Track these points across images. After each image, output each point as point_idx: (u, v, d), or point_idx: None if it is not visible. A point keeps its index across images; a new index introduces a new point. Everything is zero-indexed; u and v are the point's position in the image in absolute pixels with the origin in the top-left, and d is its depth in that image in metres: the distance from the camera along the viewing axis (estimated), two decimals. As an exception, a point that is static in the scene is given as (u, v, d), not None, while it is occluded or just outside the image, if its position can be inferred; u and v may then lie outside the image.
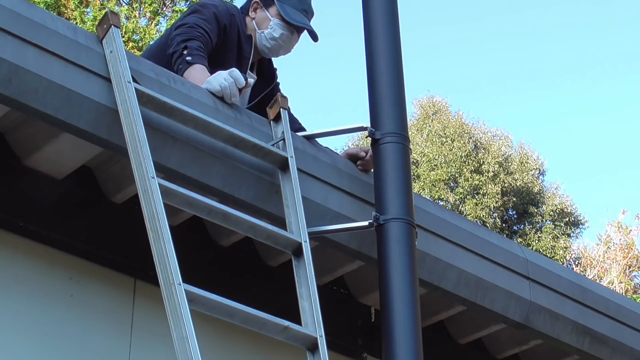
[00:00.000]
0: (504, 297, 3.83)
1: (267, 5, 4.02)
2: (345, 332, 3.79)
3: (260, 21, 4.01)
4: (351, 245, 3.42)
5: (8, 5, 2.78)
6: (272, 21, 3.99)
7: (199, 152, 3.07)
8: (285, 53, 4.07)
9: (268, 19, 4.00)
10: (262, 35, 4.00)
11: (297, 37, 4.05)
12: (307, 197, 3.26)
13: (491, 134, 24.61)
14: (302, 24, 4.00)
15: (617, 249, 22.16)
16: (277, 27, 3.99)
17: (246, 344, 3.42)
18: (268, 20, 4.00)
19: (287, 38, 4.02)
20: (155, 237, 2.73)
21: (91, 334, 3.11)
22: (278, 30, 3.99)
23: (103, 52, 2.96)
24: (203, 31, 3.72)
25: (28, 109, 2.81)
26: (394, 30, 3.56)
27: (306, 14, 4.04)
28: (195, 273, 2.86)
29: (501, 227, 23.57)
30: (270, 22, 4.00)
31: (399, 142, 3.36)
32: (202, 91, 3.25)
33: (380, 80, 3.47)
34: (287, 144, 3.26)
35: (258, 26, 4.01)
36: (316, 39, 4.03)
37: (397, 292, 3.13)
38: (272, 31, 3.99)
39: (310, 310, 2.98)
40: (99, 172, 3.22)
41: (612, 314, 4.27)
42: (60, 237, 3.11)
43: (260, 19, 4.02)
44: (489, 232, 4.06)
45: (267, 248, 3.55)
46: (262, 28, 4.00)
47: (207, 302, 2.75)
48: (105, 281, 3.19)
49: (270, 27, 3.99)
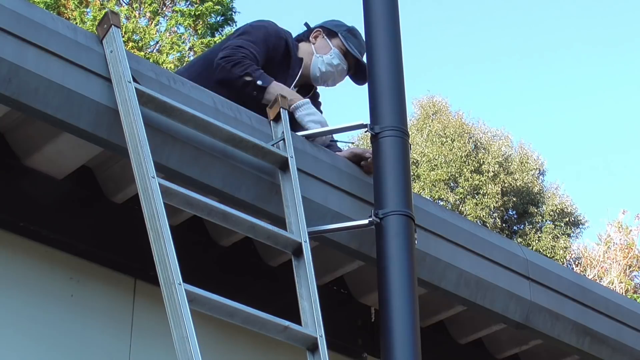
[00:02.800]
0: (504, 297, 3.83)
1: (330, 36, 4.14)
2: (345, 332, 3.79)
3: (321, 47, 4.13)
4: (351, 245, 3.42)
5: (8, 5, 2.78)
6: (333, 50, 4.12)
7: (199, 152, 3.07)
8: (331, 85, 4.19)
9: (329, 47, 4.13)
10: (320, 59, 4.11)
11: (345, 75, 4.17)
12: (307, 197, 3.26)
13: (491, 134, 24.61)
14: (360, 58, 4.09)
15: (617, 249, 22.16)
16: (337, 56, 4.10)
17: (246, 344, 3.42)
18: (329, 48, 4.13)
19: (342, 70, 4.14)
20: (155, 237, 2.73)
21: (91, 334, 3.11)
22: (337, 59, 4.11)
23: (103, 52, 2.96)
24: (248, 52, 3.81)
25: (28, 109, 2.81)
26: (394, 26, 3.56)
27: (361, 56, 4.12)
28: (195, 273, 2.86)
29: (501, 227, 23.56)
30: (331, 50, 4.11)
31: (398, 136, 3.37)
32: (202, 91, 3.25)
33: (380, 76, 3.48)
34: (287, 144, 3.26)
35: (317, 50, 4.12)
36: (363, 83, 4.05)
37: (396, 286, 3.13)
38: (332, 58, 4.11)
39: (310, 310, 2.98)
40: (99, 172, 3.22)
41: (612, 314, 4.26)
42: (60, 237, 3.11)
43: (320, 45, 4.14)
44: (489, 232, 4.06)
45: (267, 248, 3.54)
46: (321, 53, 4.12)
47: (207, 302, 2.75)
48: (105, 281, 3.19)
49: (330, 54, 4.11)
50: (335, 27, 4.18)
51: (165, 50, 15.80)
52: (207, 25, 16.56)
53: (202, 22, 16.53)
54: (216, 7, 16.53)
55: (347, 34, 4.14)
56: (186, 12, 16.41)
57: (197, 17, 16.44)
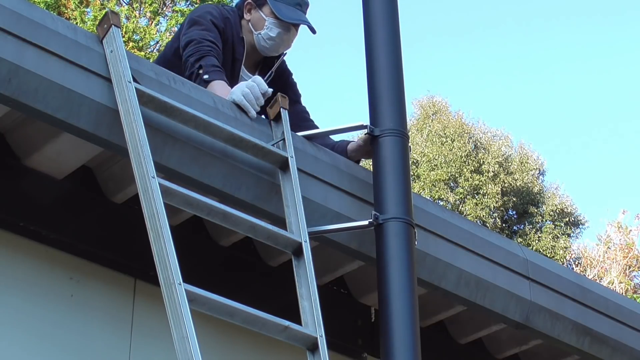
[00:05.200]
0: (504, 297, 3.83)
1: (260, 5, 4.01)
2: (345, 332, 3.79)
3: (256, 22, 4.01)
4: (351, 245, 3.42)
5: (8, 5, 2.78)
6: (267, 21, 3.98)
7: (199, 152, 3.07)
8: (286, 49, 4.06)
9: (263, 19, 3.99)
10: (260, 36, 4.00)
11: (295, 32, 4.04)
12: (307, 197, 3.25)
13: (491, 134, 24.62)
14: (297, 21, 3.99)
15: (617, 249, 22.16)
16: (273, 26, 3.98)
17: (246, 344, 3.42)
18: (263, 21, 3.99)
19: (285, 35, 4.00)
20: (155, 237, 2.73)
21: (91, 334, 3.11)
22: (274, 29, 3.98)
23: (103, 52, 2.95)
24: (210, 43, 3.73)
25: (28, 109, 2.81)
26: (394, 27, 3.56)
27: (300, 7, 4.01)
28: (195, 273, 2.86)
29: (501, 227, 23.57)
30: (265, 22, 3.98)
31: (398, 138, 3.37)
32: (203, 91, 3.25)
33: (379, 78, 3.48)
34: (287, 144, 3.26)
35: (254, 27, 4.00)
36: (314, 31, 4.01)
37: (395, 291, 3.13)
38: (269, 31, 3.98)
39: (311, 310, 2.98)
40: (99, 172, 3.21)
41: (612, 314, 4.26)
42: (60, 237, 3.11)
43: (255, 20, 4.01)
44: (489, 232, 4.06)
45: (267, 248, 3.54)
46: (258, 29, 4.00)
47: (207, 302, 2.75)
48: (105, 281, 3.19)
49: (265, 27, 3.98)
50: None
51: (166, 50, 15.78)
52: (207, 26, 16.53)
53: (202, 22, 16.51)
54: (216, 7, 16.52)
55: None
56: (186, 12, 16.39)
57: (197, 17, 16.42)
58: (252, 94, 3.34)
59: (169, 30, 16.39)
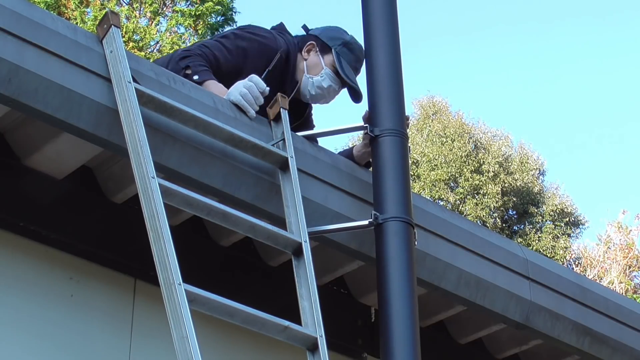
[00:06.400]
0: (504, 297, 3.83)
1: (323, 52, 3.89)
2: (345, 332, 3.79)
3: (312, 66, 3.88)
4: (351, 245, 3.42)
5: (8, 5, 2.78)
6: (324, 70, 3.87)
7: (199, 152, 3.07)
8: (324, 103, 3.96)
9: (321, 66, 3.87)
10: (310, 81, 3.87)
11: (339, 91, 3.92)
12: (307, 197, 3.25)
13: (491, 134, 24.61)
14: (354, 84, 3.86)
15: (617, 249, 22.15)
16: (328, 78, 3.87)
17: (246, 344, 3.42)
18: (320, 68, 3.87)
19: (333, 91, 3.90)
20: (155, 237, 2.73)
21: (91, 334, 3.11)
22: (328, 81, 3.87)
23: (103, 52, 2.95)
24: (207, 51, 3.63)
25: (28, 109, 2.81)
26: (393, 28, 3.56)
27: (357, 71, 3.90)
28: (195, 273, 2.86)
29: (501, 227, 23.56)
30: (322, 70, 3.87)
31: (397, 138, 3.37)
32: (202, 91, 3.25)
33: (379, 79, 3.48)
34: (287, 144, 3.26)
35: (308, 70, 3.87)
36: (359, 100, 3.87)
37: (395, 291, 3.13)
38: (322, 80, 3.87)
39: (310, 310, 2.98)
40: (99, 172, 3.22)
41: (612, 314, 4.26)
42: (60, 237, 3.11)
43: (312, 63, 3.88)
44: (489, 232, 4.06)
45: (267, 248, 3.54)
46: (312, 74, 3.87)
47: (207, 302, 2.75)
48: (105, 281, 3.19)
49: (321, 75, 3.87)
50: (331, 40, 3.90)
51: (166, 50, 15.78)
52: (207, 26, 16.55)
53: (202, 22, 16.53)
54: (216, 7, 16.53)
55: (342, 50, 3.87)
56: (186, 12, 16.42)
57: (197, 17, 16.43)
58: (251, 94, 3.31)
59: (169, 30, 16.40)
